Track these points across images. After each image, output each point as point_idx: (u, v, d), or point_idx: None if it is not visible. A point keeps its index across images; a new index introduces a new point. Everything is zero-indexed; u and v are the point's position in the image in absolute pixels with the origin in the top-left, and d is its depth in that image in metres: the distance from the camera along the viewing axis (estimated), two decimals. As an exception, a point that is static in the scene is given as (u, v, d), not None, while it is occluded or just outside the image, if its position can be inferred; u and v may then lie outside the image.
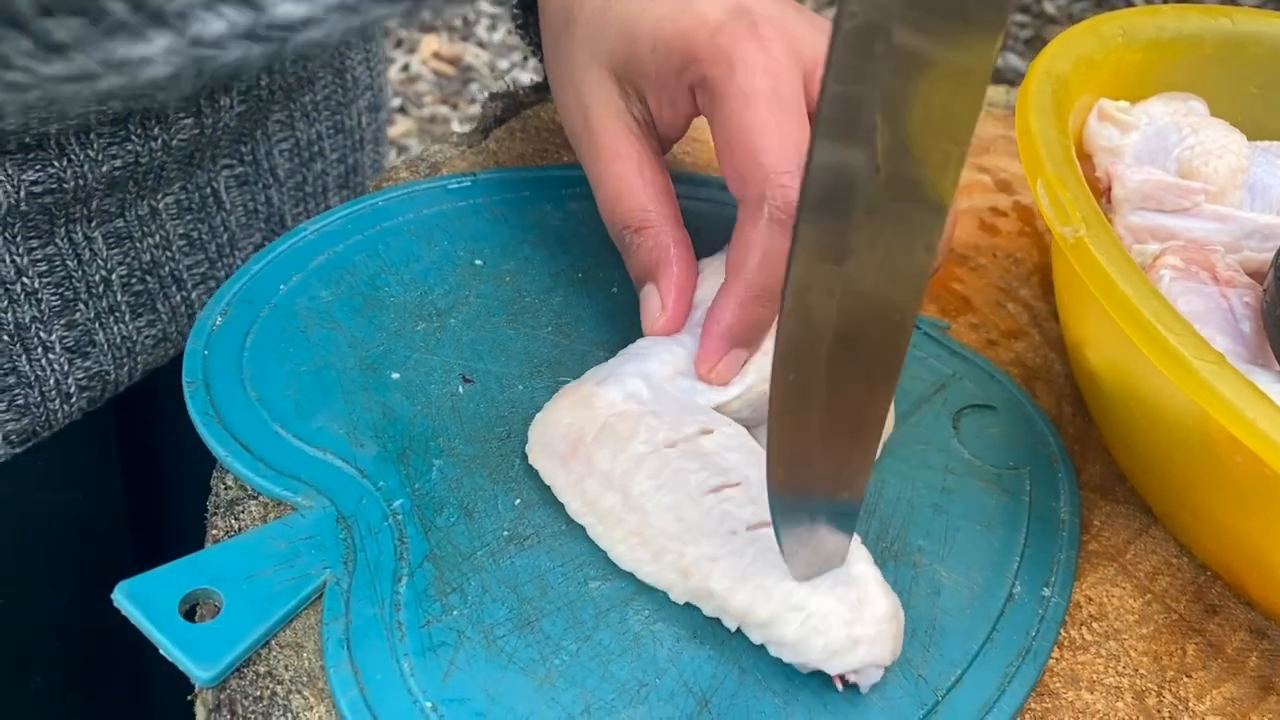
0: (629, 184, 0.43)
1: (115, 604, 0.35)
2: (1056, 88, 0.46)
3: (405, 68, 2.30)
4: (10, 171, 0.49)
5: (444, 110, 2.20)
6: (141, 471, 0.66)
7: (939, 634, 0.39)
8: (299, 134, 0.61)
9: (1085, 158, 0.49)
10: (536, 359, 0.45)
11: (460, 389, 0.44)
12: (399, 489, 0.40)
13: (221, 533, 0.39)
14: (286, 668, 0.35)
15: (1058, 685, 0.39)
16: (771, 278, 0.40)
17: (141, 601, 0.35)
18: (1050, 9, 2.51)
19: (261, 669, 0.35)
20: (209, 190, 0.57)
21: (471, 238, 0.50)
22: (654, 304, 0.42)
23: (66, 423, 0.56)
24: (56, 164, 0.50)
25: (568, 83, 0.46)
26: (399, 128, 2.09)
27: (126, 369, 0.57)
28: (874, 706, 0.37)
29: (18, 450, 0.54)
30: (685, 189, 0.55)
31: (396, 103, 2.17)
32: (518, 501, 0.40)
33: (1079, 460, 0.47)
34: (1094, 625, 0.41)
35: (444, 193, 0.51)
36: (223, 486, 0.41)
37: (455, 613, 0.37)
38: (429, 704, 0.34)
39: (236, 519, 0.39)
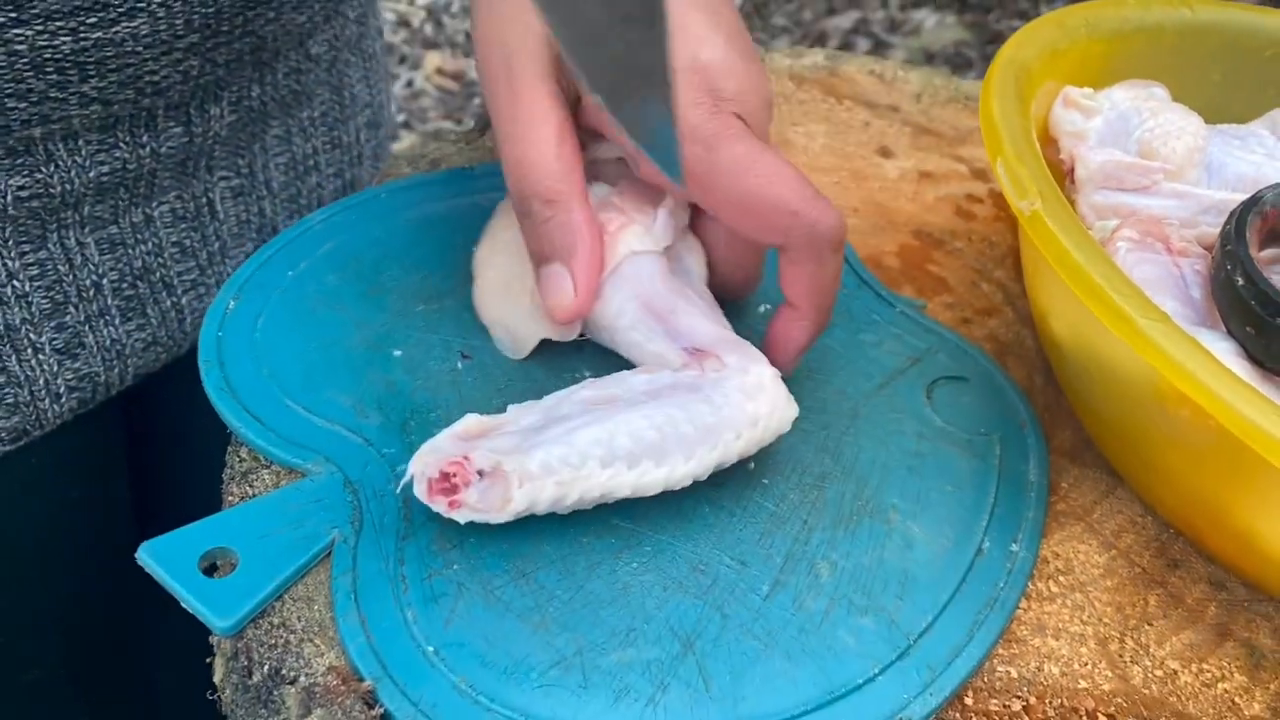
0: (545, 152, 0.41)
1: (139, 562, 0.38)
2: (1020, 75, 0.48)
3: (409, 84, 2.34)
4: None
5: (448, 125, 2.24)
6: (146, 471, 0.67)
7: (911, 584, 0.41)
8: (295, 148, 0.62)
9: (1050, 143, 0.52)
10: (531, 337, 0.48)
11: (459, 364, 0.46)
12: (403, 455, 0.42)
13: (236, 499, 0.42)
14: (299, 619, 0.38)
15: (1025, 633, 0.42)
16: (833, 299, 0.45)
17: (164, 559, 0.38)
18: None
19: (275, 620, 0.38)
20: (205, 200, 0.58)
21: (469, 226, 0.52)
22: (565, 285, 0.42)
23: (58, 423, 0.57)
24: (44, 169, 0.51)
25: (498, 25, 0.42)
26: (404, 143, 2.13)
27: (117, 371, 0.58)
28: (849, 649, 0.39)
29: (9, 448, 0.55)
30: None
31: (401, 118, 2.21)
32: (514, 466, 0.43)
33: (1049, 428, 0.49)
34: (1060, 579, 0.44)
35: (443, 185, 0.54)
36: (237, 459, 0.43)
37: (455, 566, 0.39)
38: (430, 648, 0.37)
39: (250, 486, 0.42)
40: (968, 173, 0.63)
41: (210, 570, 0.39)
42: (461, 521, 0.38)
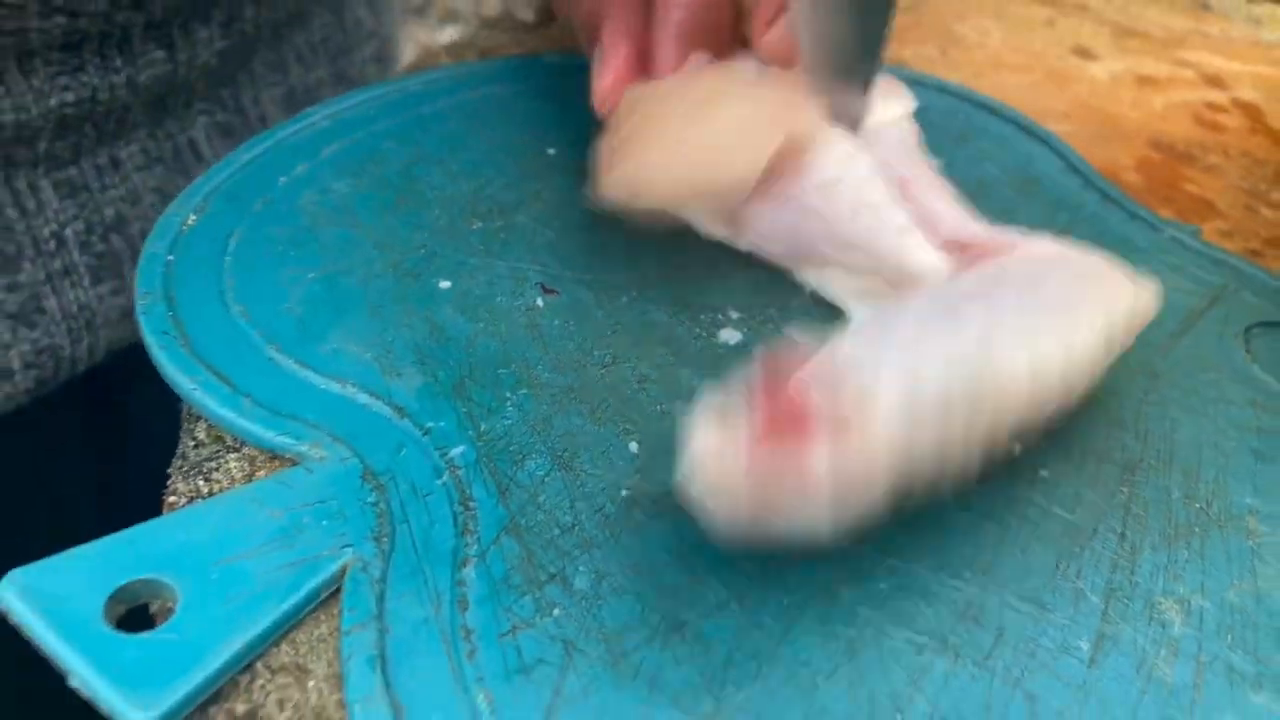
0: None
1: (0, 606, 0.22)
2: None
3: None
4: None
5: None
6: (112, 473, 0.53)
7: (1317, 637, 0.25)
8: (293, 79, 0.50)
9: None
10: (645, 265, 0.31)
11: (539, 301, 0.30)
12: (457, 433, 0.26)
13: (184, 500, 0.25)
14: (280, 705, 0.21)
15: None
16: None
17: (44, 601, 0.22)
18: None
19: (239, 708, 0.21)
20: (184, 140, 0.46)
21: (540, 122, 0.36)
22: (597, 62, 0.33)
23: (12, 406, 0.43)
24: None
25: None
26: (445, 34, 1.98)
27: (85, 344, 0.45)
28: (1253, 753, 0.22)
29: None
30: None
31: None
32: (635, 447, 0.26)
33: None
34: None
35: (501, 73, 0.38)
36: (191, 444, 0.27)
37: (557, 612, 0.23)
38: (523, 762, 0.20)
39: (207, 480, 0.25)
40: (1197, 79, 0.46)
41: (128, 620, 0.22)
42: (812, 520, 0.21)
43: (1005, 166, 0.38)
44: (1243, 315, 0.33)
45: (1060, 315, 0.25)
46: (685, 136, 0.29)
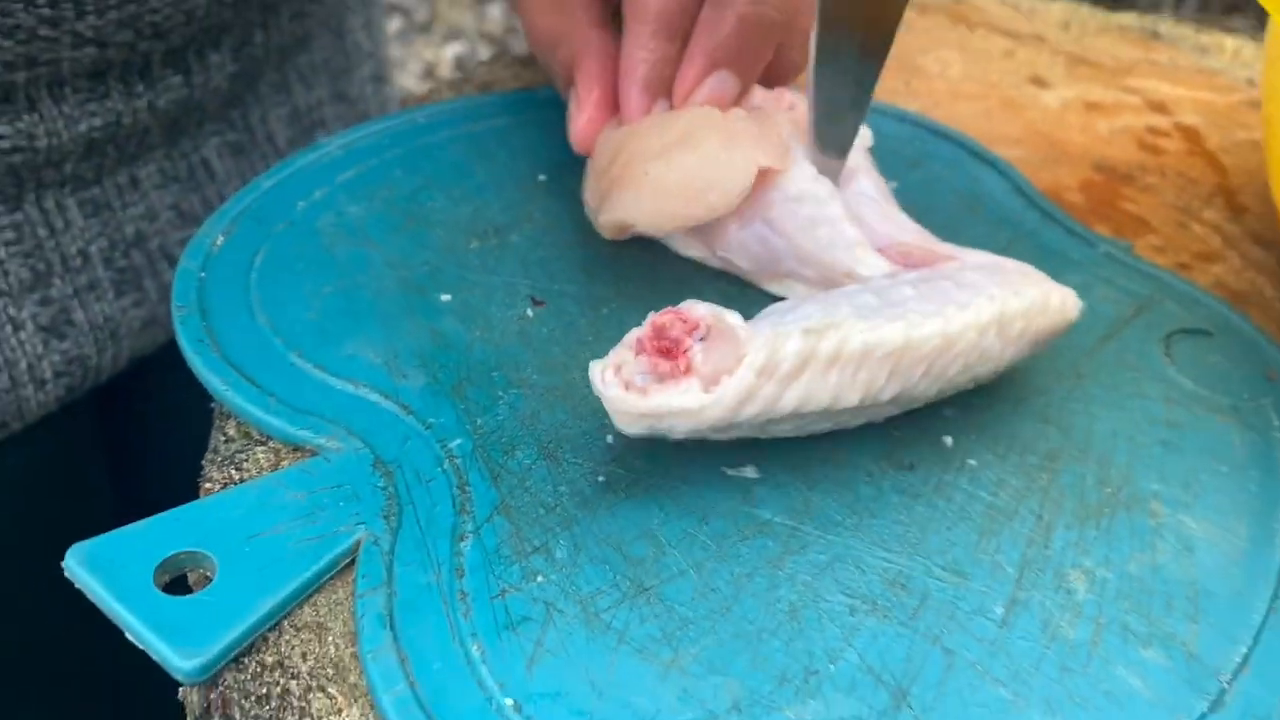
0: (541, 4, 0.39)
1: (67, 573, 0.25)
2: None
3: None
4: None
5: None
6: (127, 473, 0.56)
7: (1205, 601, 0.28)
8: (297, 99, 0.54)
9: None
10: (625, 279, 0.35)
11: (530, 312, 0.34)
12: (456, 427, 0.30)
13: (218, 486, 0.29)
14: (304, 656, 0.25)
15: (1376, 671, 0.28)
16: (674, 7, 0.35)
17: (103, 568, 0.25)
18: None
19: (268, 659, 0.25)
20: (197, 159, 0.50)
21: (533, 151, 0.40)
22: (573, 106, 0.37)
23: (42, 413, 0.46)
24: (26, 118, 0.42)
25: None
26: (445, 67, 2.02)
27: (110, 354, 0.48)
28: (1138, 696, 0.26)
29: None
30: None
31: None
32: (610, 439, 0.30)
33: (1323, 397, 0.36)
34: (1402, 593, 0.30)
35: (499, 106, 0.42)
36: (222, 439, 0.31)
37: (540, 579, 0.26)
38: (509, 701, 0.24)
39: (238, 469, 0.29)
40: (1143, 104, 0.50)
41: (175, 586, 0.26)
42: (689, 414, 0.26)
43: (955, 188, 0.41)
44: (1165, 322, 0.37)
45: (962, 295, 0.29)
46: (666, 179, 0.32)
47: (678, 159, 0.32)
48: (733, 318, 0.27)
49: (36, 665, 0.52)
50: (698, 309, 0.27)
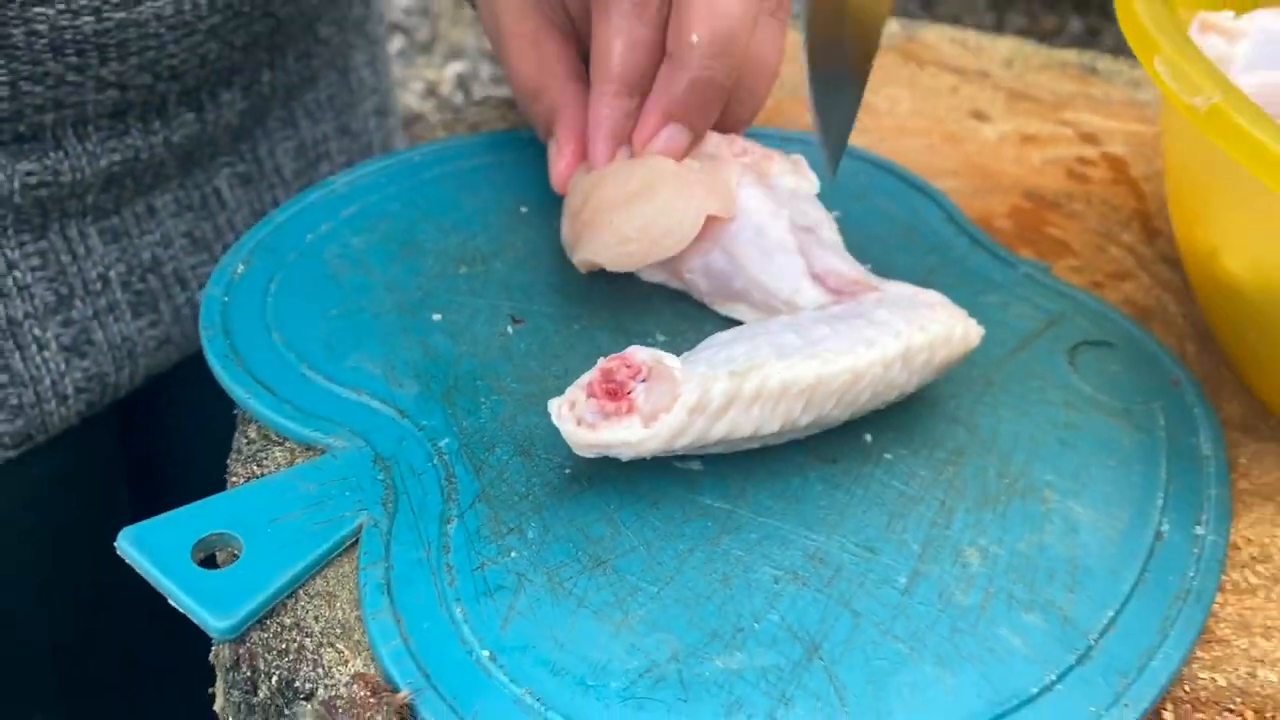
0: (524, 56, 0.43)
1: (120, 552, 0.30)
2: (1159, -15, 0.41)
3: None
4: (5, 161, 0.46)
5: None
6: (145, 481, 0.61)
7: (1082, 574, 0.33)
8: (303, 133, 0.58)
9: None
10: (595, 300, 0.40)
11: (510, 329, 0.39)
12: (444, 428, 0.35)
13: (242, 479, 0.34)
14: (316, 619, 0.30)
15: (1227, 632, 0.33)
16: (634, 69, 0.40)
17: (149, 548, 0.30)
18: None
19: (287, 620, 0.30)
20: (210, 189, 0.54)
21: (516, 187, 0.45)
22: (553, 152, 0.42)
23: (64, 427, 0.51)
24: (53, 155, 0.47)
25: None
26: (434, 107, 2.08)
27: (127, 371, 0.53)
28: (1016, 652, 0.31)
29: (11, 454, 0.49)
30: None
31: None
32: (580, 440, 0.35)
33: (1213, 400, 0.41)
34: (1259, 568, 0.35)
35: (485, 146, 0.47)
36: (245, 440, 0.36)
37: (514, 554, 0.31)
38: (485, 653, 0.29)
39: (259, 466, 0.34)
40: (1075, 136, 0.55)
41: (208, 562, 0.31)
42: (632, 446, 0.31)
43: (893, 218, 0.46)
44: (1073, 335, 0.42)
45: (872, 331, 0.34)
46: (627, 228, 0.38)
47: (637, 209, 0.37)
48: (670, 361, 0.32)
49: (58, 665, 0.57)
50: (640, 354, 0.32)
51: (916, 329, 0.35)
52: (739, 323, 0.39)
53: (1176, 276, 0.47)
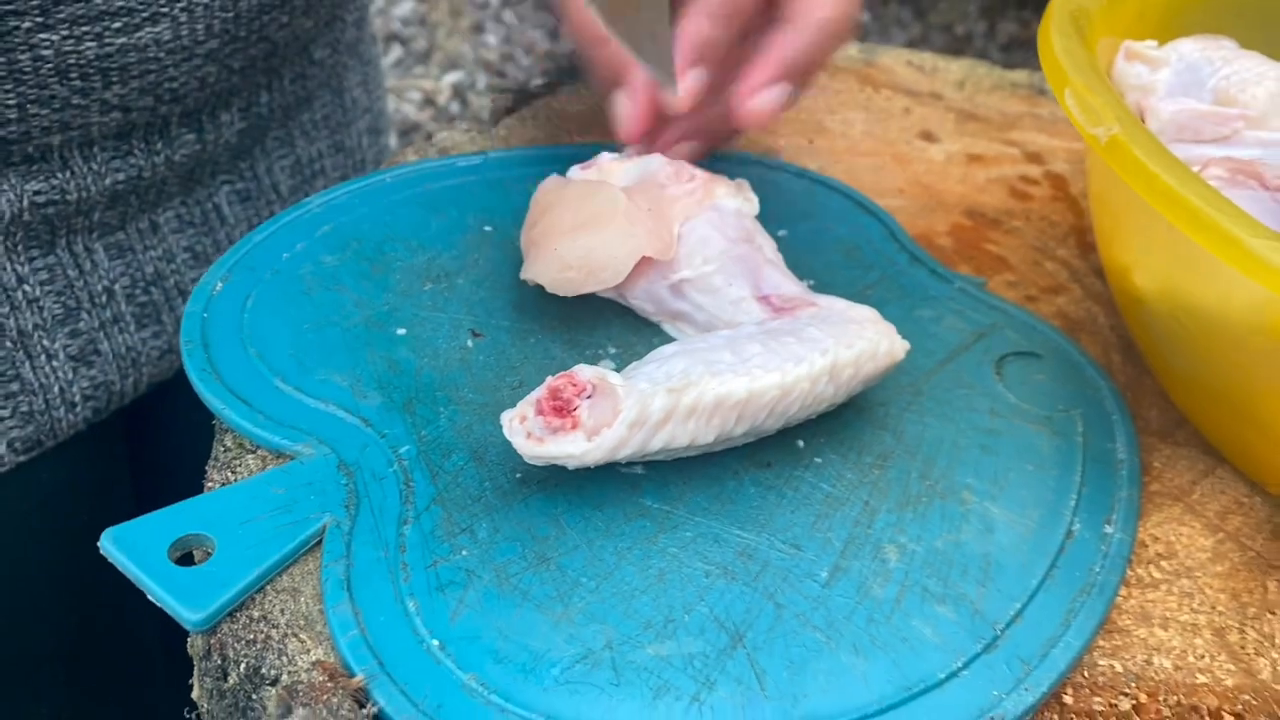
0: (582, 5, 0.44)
1: (103, 551, 0.33)
2: (1079, 17, 0.44)
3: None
4: (14, 181, 0.49)
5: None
6: (151, 489, 0.64)
7: (994, 570, 0.36)
8: (299, 151, 0.61)
9: (1116, 98, 0.47)
10: (550, 315, 0.43)
11: (469, 343, 0.41)
12: (405, 436, 0.37)
13: (217, 484, 0.37)
14: (282, 611, 0.33)
15: (1128, 623, 0.36)
16: (741, 7, 0.43)
17: (130, 547, 0.33)
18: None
19: (255, 613, 0.33)
20: (210, 205, 0.57)
21: (481, 208, 0.48)
22: (624, 106, 0.45)
23: (72, 433, 0.54)
24: (60, 175, 0.50)
25: None
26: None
27: (132, 380, 0.56)
28: (927, 641, 0.33)
29: (22, 458, 0.52)
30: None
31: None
32: (531, 447, 0.38)
33: (1134, 408, 0.44)
34: (1163, 564, 0.38)
35: (454, 169, 0.50)
36: (222, 448, 0.38)
37: (465, 553, 0.34)
38: (435, 643, 0.31)
39: (233, 473, 0.37)
40: (1020, 155, 0.58)
41: (185, 560, 0.33)
42: (576, 457, 0.34)
43: (838, 236, 0.49)
44: (1001, 346, 0.45)
45: (801, 349, 0.36)
46: (569, 256, 0.40)
47: (581, 239, 0.40)
48: (613, 378, 0.34)
49: (66, 663, 0.59)
50: (585, 373, 0.34)
51: (844, 346, 0.37)
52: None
53: (1107, 289, 0.50)
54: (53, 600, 0.57)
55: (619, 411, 0.34)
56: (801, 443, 0.39)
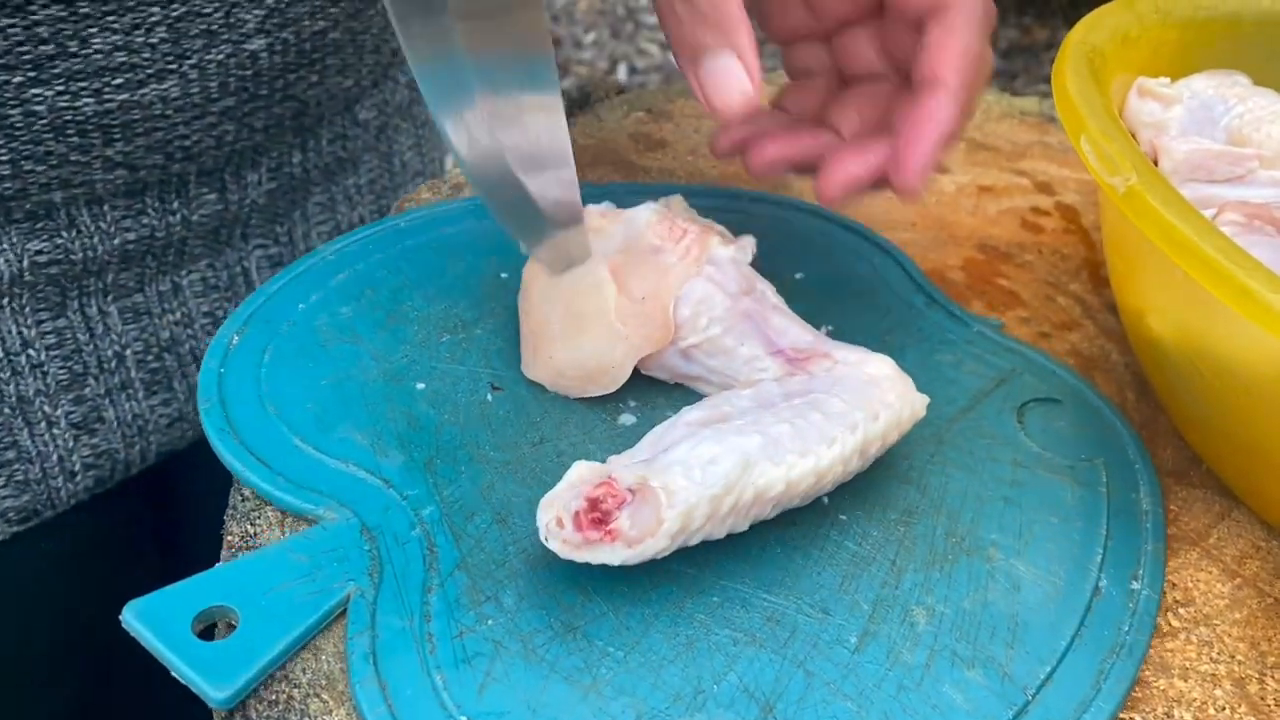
0: None
1: (124, 625, 0.33)
2: (1093, 57, 0.43)
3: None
4: (15, 240, 0.46)
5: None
6: (170, 554, 0.62)
7: (1022, 631, 0.36)
8: (340, 216, 0.58)
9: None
10: (568, 366, 0.43)
11: (489, 397, 0.41)
12: (427, 497, 0.37)
13: (237, 538, 0.36)
14: (303, 671, 0.32)
15: (1147, 674, 0.36)
16: (981, 82, 0.42)
17: (152, 621, 0.33)
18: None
19: (276, 673, 0.32)
20: (239, 269, 0.54)
21: (496, 253, 0.47)
22: (734, 69, 0.37)
23: (72, 503, 0.52)
24: (65, 234, 0.47)
25: None
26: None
27: (138, 448, 0.54)
28: (958, 708, 0.33)
29: (17, 529, 0.51)
30: (717, 201, 0.53)
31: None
32: (554, 507, 0.37)
33: (1149, 447, 0.44)
34: (1180, 611, 0.38)
35: (467, 211, 0.50)
36: (239, 498, 0.38)
37: (490, 622, 0.34)
38: (464, 719, 0.31)
39: (252, 524, 0.37)
40: (1030, 186, 0.58)
41: (207, 633, 0.33)
42: (614, 563, 0.33)
43: (853, 274, 0.49)
44: (1022, 393, 0.44)
45: (829, 428, 0.36)
46: (565, 363, 0.40)
47: (572, 346, 0.40)
48: (655, 482, 0.33)
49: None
50: (625, 479, 0.33)
51: (870, 418, 0.37)
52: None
53: (1120, 325, 0.49)
54: (54, 674, 0.55)
55: (662, 521, 0.33)
56: (826, 499, 0.39)
